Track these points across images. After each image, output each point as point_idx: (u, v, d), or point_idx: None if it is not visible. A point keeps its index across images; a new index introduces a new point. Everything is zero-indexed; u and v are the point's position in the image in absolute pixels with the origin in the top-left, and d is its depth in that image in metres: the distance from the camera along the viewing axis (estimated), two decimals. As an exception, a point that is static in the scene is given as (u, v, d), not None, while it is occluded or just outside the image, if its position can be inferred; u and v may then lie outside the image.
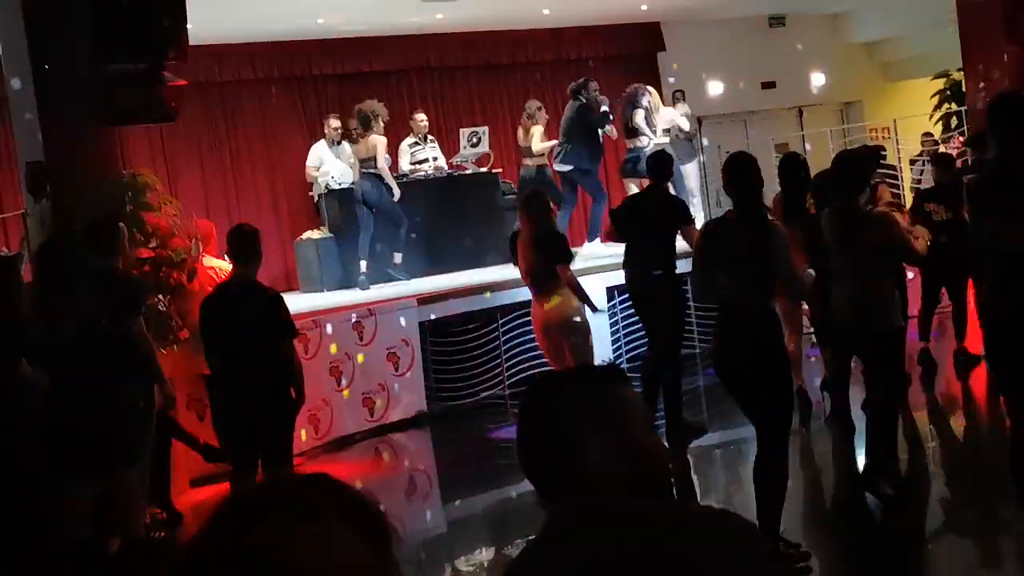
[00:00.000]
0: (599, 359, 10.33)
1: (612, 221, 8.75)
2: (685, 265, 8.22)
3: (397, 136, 12.63)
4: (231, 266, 6.75)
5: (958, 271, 8.92)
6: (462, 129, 13.32)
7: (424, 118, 12.79)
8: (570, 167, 12.02)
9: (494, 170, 13.36)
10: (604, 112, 12.02)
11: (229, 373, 6.26)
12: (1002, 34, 10.61)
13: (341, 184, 12.14)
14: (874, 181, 7.65)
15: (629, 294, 8.83)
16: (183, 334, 7.92)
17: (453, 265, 12.22)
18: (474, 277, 11.44)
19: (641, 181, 11.09)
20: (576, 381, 1.94)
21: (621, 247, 8.82)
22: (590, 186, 12.21)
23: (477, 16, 14.04)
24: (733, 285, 5.45)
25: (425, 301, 10.24)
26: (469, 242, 12.63)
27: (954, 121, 14.93)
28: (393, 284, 11.47)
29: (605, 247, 11.59)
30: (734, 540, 1.72)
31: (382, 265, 11.75)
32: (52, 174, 7.20)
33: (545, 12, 14.42)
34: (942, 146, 14.64)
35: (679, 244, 8.33)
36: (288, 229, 13.72)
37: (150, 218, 8.17)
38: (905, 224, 6.82)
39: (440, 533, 7.64)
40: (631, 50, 16.37)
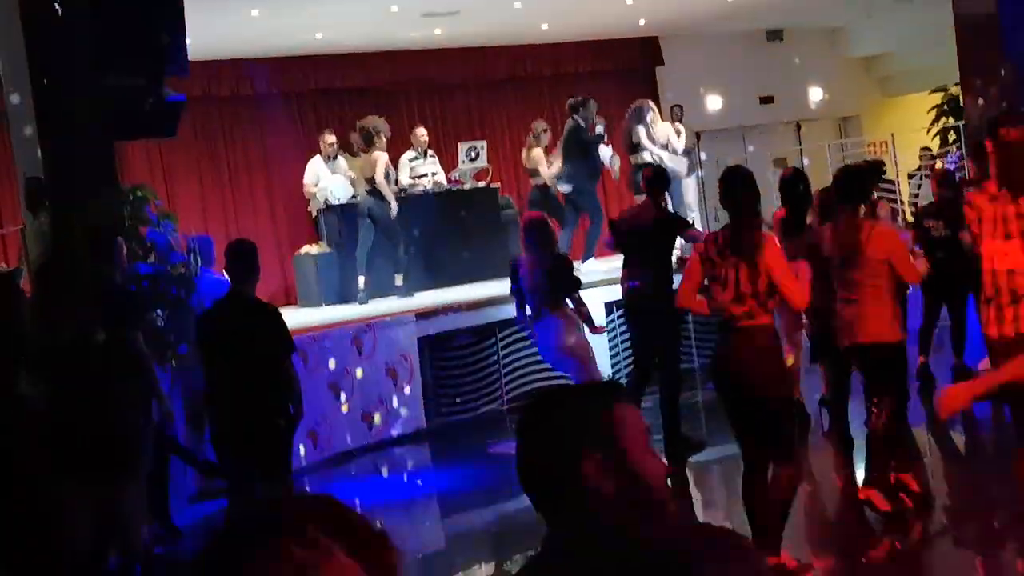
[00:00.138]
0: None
1: (611, 232, 8.78)
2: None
3: (396, 150, 12.65)
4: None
5: (957, 287, 8.91)
6: (460, 144, 13.33)
7: (424, 133, 12.80)
8: (569, 187, 12.04)
9: (493, 184, 13.37)
10: (599, 134, 11.98)
11: (227, 389, 6.25)
12: (999, 49, 10.63)
13: (339, 200, 12.14)
14: (875, 196, 7.65)
15: (625, 308, 8.83)
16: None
17: (452, 279, 12.22)
18: (473, 292, 11.44)
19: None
20: (575, 397, 1.94)
21: (618, 262, 8.82)
22: (588, 205, 12.18)
23: (475, 32, 14.06)
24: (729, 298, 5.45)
25: (424, 316, 10.24)
26: (468, 256, 12.63)
27: (952, 136, 14.93)
28: (392, 299, 11.47)
29: (601, 264, 11.60)
30: (734, 558, 1.72)
31: (384, 280, 11.73)
32: (51, 189, 7.20)
33: (543, 27, 14.44)
34: (939, 161, 14.65)
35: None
36: (287, 244, 13.72)
37: (148, 232, 8.17)
38: (910, 242, 6.82)
39: (439, 549, 7.62)
40: (630, 65, 16.41)
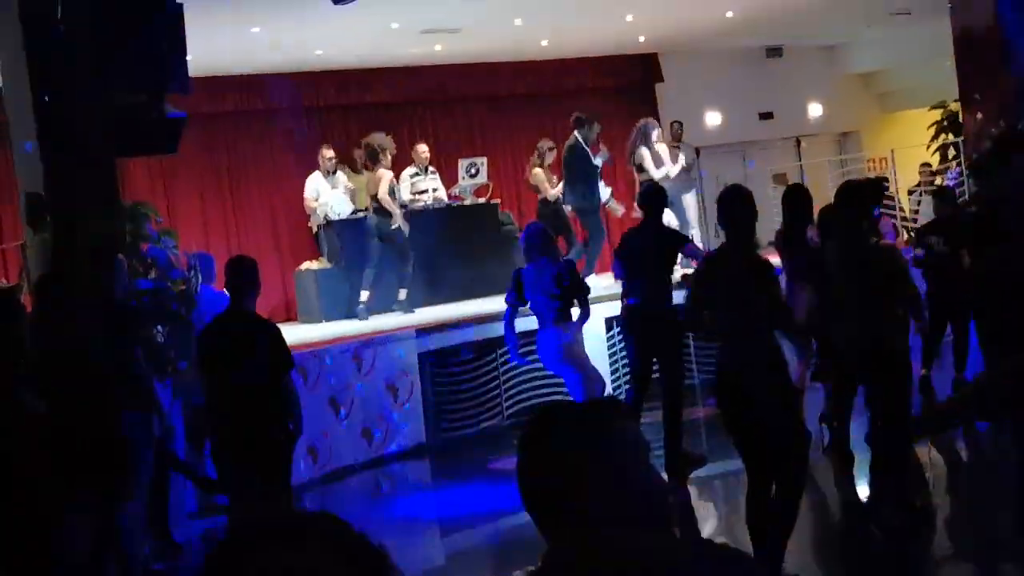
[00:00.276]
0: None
1: (616, 258, 8.68)
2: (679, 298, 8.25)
3: (397, 167, 12.64)
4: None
5: (959, 302, 8.91)
6: (460, 160, 13.35)
7: (425, 149, 12.81)
8: (569, 206, 12.02)
9: (493, 201, 13.38)
10: (596, 165, 11.91)
11: (227, 405, 6.25)
12: (998, 65, 10.65)
13: (340, 215, 12.16)
14: (877, 212, 7.66)
15: (624, 324, 8.79)
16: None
17: (452, 295, 12.22)
18: (473, 307, 11.44)
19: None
20: (576, 414, 1.94)
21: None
22: (588, 225, 12.13)
23: (475, 48, 14.10)
24: (729, 319, 5.46)
25: (424, 331, 10.24)
26: (468, 272, 12.63)
27: (951, 152, 14.94)
28: (392, 315, 11.47)
29: (602, 279, 11.57)
30: (735, 574, 1.72)
31: (385, 296, 11.71)
32: (51, 205, 7.20)
33: (543, 43, 14.48)
34: (939, 177, 14.66)
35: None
36: (287, 260, 13.73)
37: (149, 249, 8.19)
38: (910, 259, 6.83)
39: (439, 565, 7.60)
40: (629, 81, 16.45)
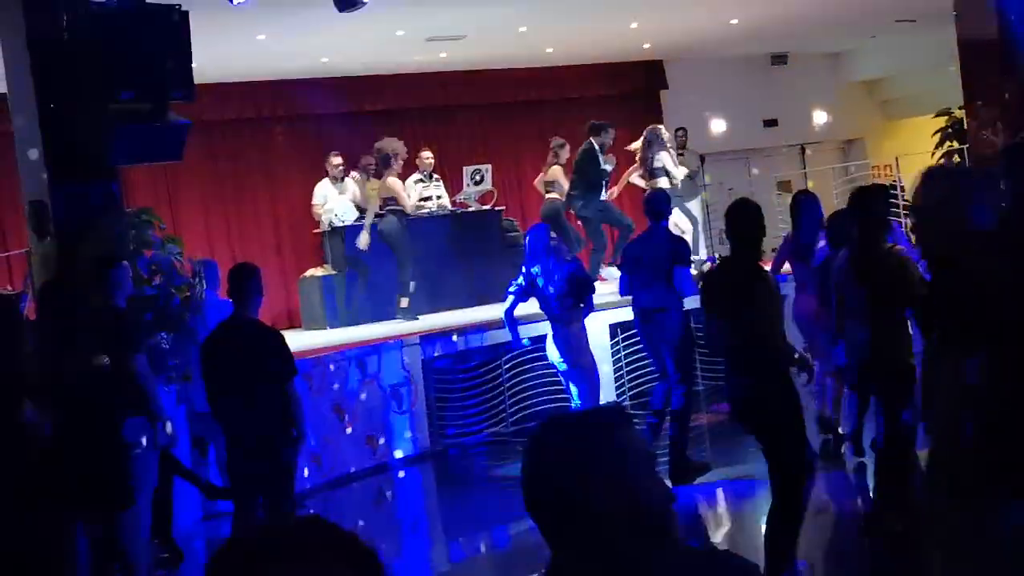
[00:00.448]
0: (603, 398, 10.31)
1: (624, 273, 8.64)
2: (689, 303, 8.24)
3: (402, 174, 12.66)
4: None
5: None
6: (465, 167, 13.34)
7: (430, 156, 12.79)
8: (577, 209, 12.00)
9: (497, 208, 13.38)
10: (605, 169, 11.89)
11: (231, 412, 6.24)
12: (1003, 72, 10.64)
13: (344, 221, 12.18)
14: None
15: (638, 327, 8.79)
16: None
17: (456, 302, 12.21)
18: (477, 314, 11.43)
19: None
20: (580, 423, 1.94)
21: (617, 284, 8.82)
22: (591, 233, 12.09)
23: (480, 55, 14.11)
24: (729, 332, 5.46)
25: (428, 338, 10.23)
26: (472, 279, 12.62)
27: (956, 159, 14.95)
28: (396, 321, 11.46)
29: (605, 286, 11.55)
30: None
31: (389, 304, 11.67)
32: (56, 213, 7.22)
33: (548, 51, 14.49)
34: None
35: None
36: (291, 267, 13.74)
37: (153, 256, 8.19)
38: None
39: (443, 572, 7.59)
40: (634, 88, 16.45)
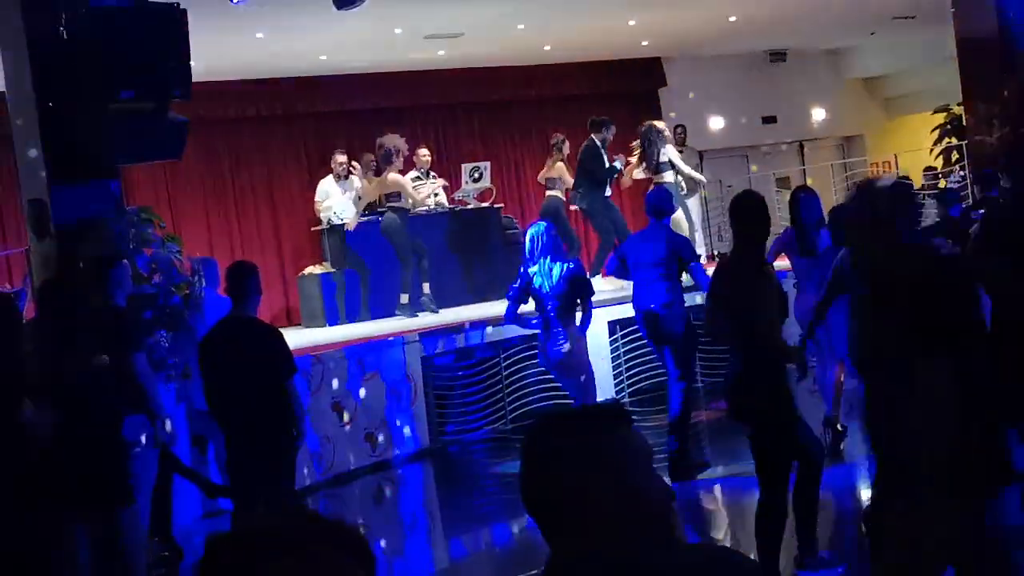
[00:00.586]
0: (601, 396, 10.29)
1: (617, 258, 8.65)
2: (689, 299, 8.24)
3: (401, 171, 12.65)
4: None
5: None
6: (464, 164, 13.35)
7: (427, 153, 12.80)
8: (582, 206, 12.00)
9: (496, 205, 13.39)
10: (613, 167, 11.90)
11: (230, 409, 6.25)
12: (1001, 69, 10.66)
13: (343, 220, 12.17)
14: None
15: (643, 329, 8.79)
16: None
17: (456, 299, 12.22)
18: (476, 311, 11.44)
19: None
20: (578, 420, 1.94)
21: (623, 282, 8.79)
22: (598, 227, 12.12)
23: (479, 53, 14.12)
24: (731, 327, 5.47)
25: (427, 335, 10.24)
26: (471, 276, 12.64)
27: (955, 155, 14.96)
28: (396, 319, 11.47)
29: (606, 282, 11.55)
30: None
31: (390, 300, 11.67)
32: (55, 211, 7.22)
33: (546, 48, 14.50)
34: (942, 180, 14.67)
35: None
36: (290, 264, 13.76)
37: (153, 254, 8.20)
38: None
39: (443, 569, 7.60)
40: (633, 86, 16.46)
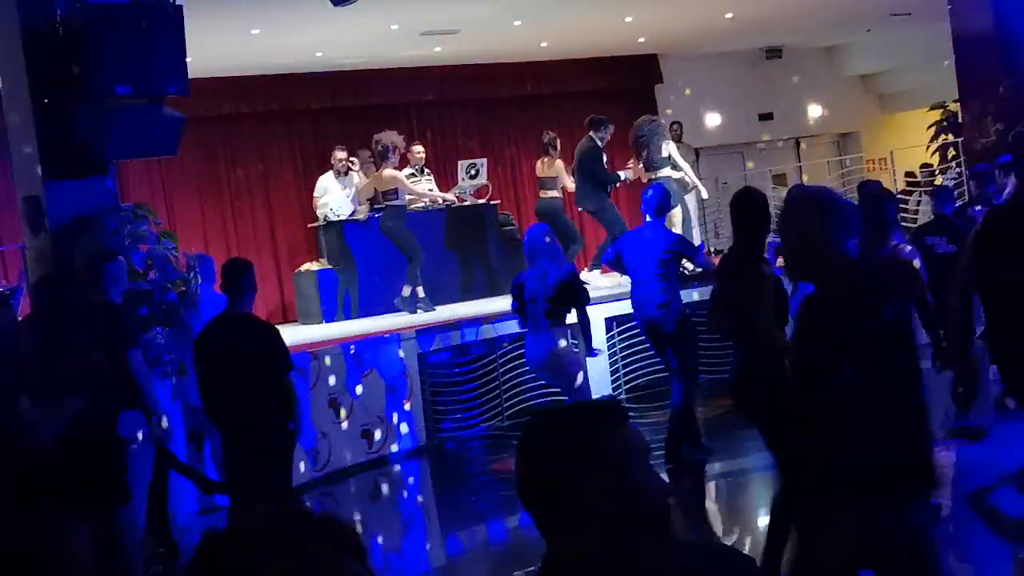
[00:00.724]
0: (598, 392, 10.28)
1: (614, 251, 8.61)
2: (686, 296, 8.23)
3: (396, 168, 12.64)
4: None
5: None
6: (460, 161, 13.34)
7: (421, 150, 12.78)
8: (586, 205, 11.98)
9: (492, 202, 13.38)
10: (616, 174, 11.89)
11: (226, 406, 6.24)
12: (997, 66, 10.68)
13: (340, 216, 12.16)
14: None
15: (641, 331, 8.79)
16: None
17: (452, 296, 12.21)
18: (472, 308, 11.43)
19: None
20: (575, 417, 1.94)
21: (621, 277, 8.78)
22: (606, 222, 12.08)
23: (475, 50, 14.10)
24: (731, 325, 5.48)
25: (424, 332, 10.23)
26: (468, 273, 12.63)
27: (951, 152, 14.96)
28: (392, 315, 11.45)
29: (606, 278, 11.55)
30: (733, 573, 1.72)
31: (386, 297, 11.65)
32: (50, 208, 7.21)
33: (543, 45, 14.49)
34: (939, 177, 14.67)
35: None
36: (285, 261, 13.74)
37: (149, 251, 8.18)
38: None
39: (440, 566, 7.60)
40: (629, 83, 16.45)
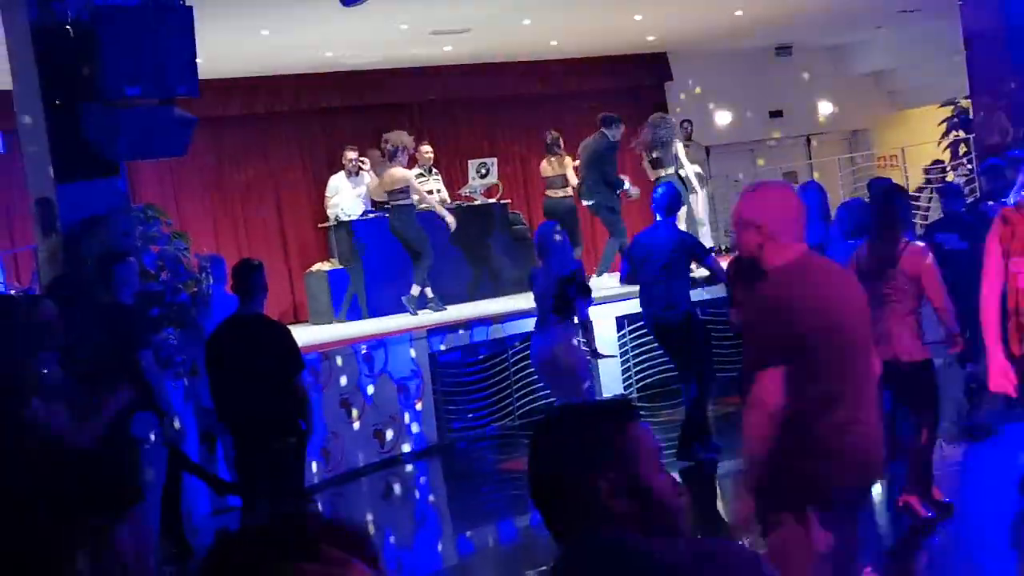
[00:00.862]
0: (610, 392, 10.29)
1: (628, 263, 8.56)
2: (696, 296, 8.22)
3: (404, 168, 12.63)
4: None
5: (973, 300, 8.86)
6: (470, 160, 13.33)
7: (429, 150, 12.77)
8: (591, 202, 11.97)
9: (503, 201, 13.37)
10: (619, 178, 11.88)
11: (238, 407, 6.25)
12: (1008, 61, 10.64)
13: (350, 216, 12.16)
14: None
15: (650, 332, 8.77)
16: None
17: (462, 296, 12.21)
18: (483, 308, 11.43)
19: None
20: (588, 415, 1.94)
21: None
22: (609, 222, 12.09)
23: (485, 48, 14.10)
24: (742, 324, 5.46)
25: (435, 332, 10.24)
26: (478, 272, 12.62)
27: (963, 148, 14.90)
28: (403, 315, 11.45)
29: (615, 279, 11.51)
30: (746, 573, 1.72)
31: (399, 297, 11.65)
32: (62, 209, 7.23)
33: (553, 43, 14.48)
34: (950, 174, 14.62)
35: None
36: (296, 261, 13.76)
37: (160, 252, 8.20)
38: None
39: (452, 566, 7.60)
40: (639, 81, 16.43)
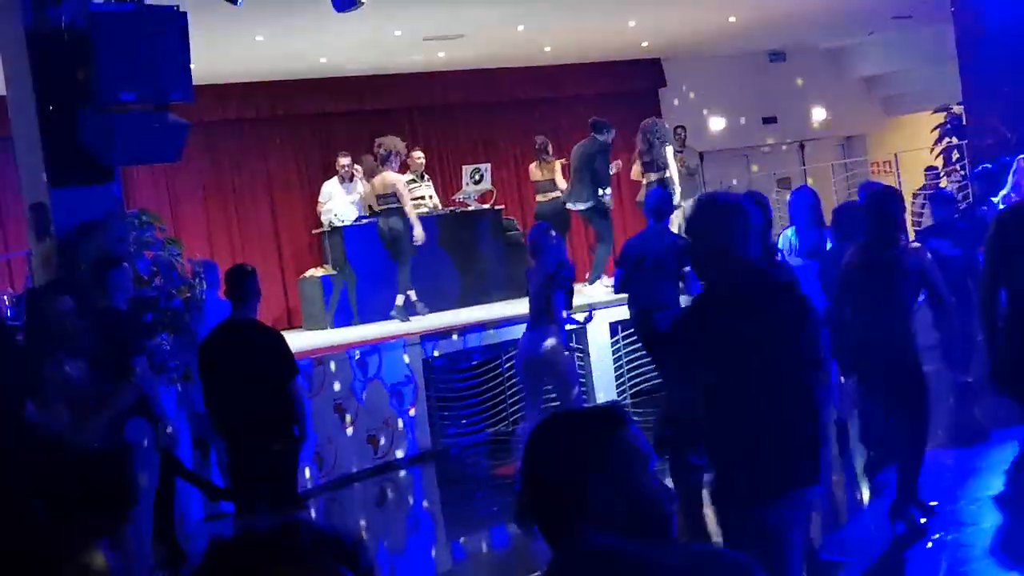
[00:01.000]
0: (604, 397, 10.29)
1: (621, 269, 8.54)
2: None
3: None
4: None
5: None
6: (464, 166, 13.34)
7: (421, 156, 12.77)
8: (582, 206, 11.96)
9: (497, 207, 13.38)
10: (613, 169, 11.91)
11: (232, 412, 6.25)
12: (1000, 68, 10.68)
13: (344, 222, 12.16)
14: None
15: (638, 336, 8.77)
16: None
17: (456, 301, 12.21)
18: (477, 313, 11.43)
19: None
20: (581, 421, 1.95)
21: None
22: (599, 227, 12.10)
23: (479, 54, 14.12)
24: None
25: (429, 337, 10.24)
26: (472, 278, 12.62)
27: (956, 155, 14.94)
28: (395, 321, 11.44)
29: (605, 287, 11.51)
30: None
31: (387, 303, 11.66)
32: (56, 214, 7.23)
33: (546, 49, 14.50)
34: (944, 180, 14.66)
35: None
36: (290, 267, 13.76)
37: (154, 257, 8.20)
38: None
39: (445, 571, 7.60)
40: (632, 86, 16.44)
